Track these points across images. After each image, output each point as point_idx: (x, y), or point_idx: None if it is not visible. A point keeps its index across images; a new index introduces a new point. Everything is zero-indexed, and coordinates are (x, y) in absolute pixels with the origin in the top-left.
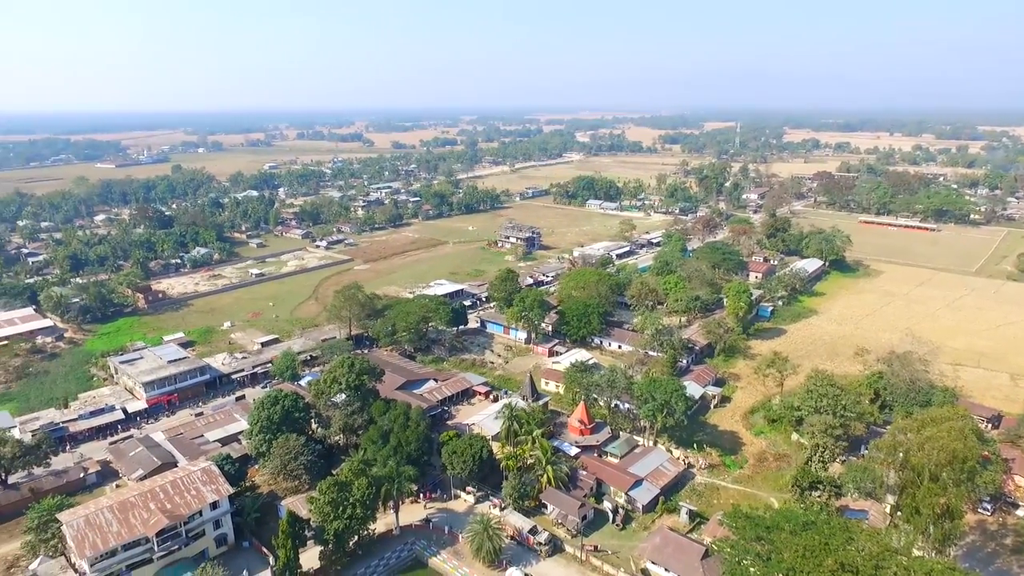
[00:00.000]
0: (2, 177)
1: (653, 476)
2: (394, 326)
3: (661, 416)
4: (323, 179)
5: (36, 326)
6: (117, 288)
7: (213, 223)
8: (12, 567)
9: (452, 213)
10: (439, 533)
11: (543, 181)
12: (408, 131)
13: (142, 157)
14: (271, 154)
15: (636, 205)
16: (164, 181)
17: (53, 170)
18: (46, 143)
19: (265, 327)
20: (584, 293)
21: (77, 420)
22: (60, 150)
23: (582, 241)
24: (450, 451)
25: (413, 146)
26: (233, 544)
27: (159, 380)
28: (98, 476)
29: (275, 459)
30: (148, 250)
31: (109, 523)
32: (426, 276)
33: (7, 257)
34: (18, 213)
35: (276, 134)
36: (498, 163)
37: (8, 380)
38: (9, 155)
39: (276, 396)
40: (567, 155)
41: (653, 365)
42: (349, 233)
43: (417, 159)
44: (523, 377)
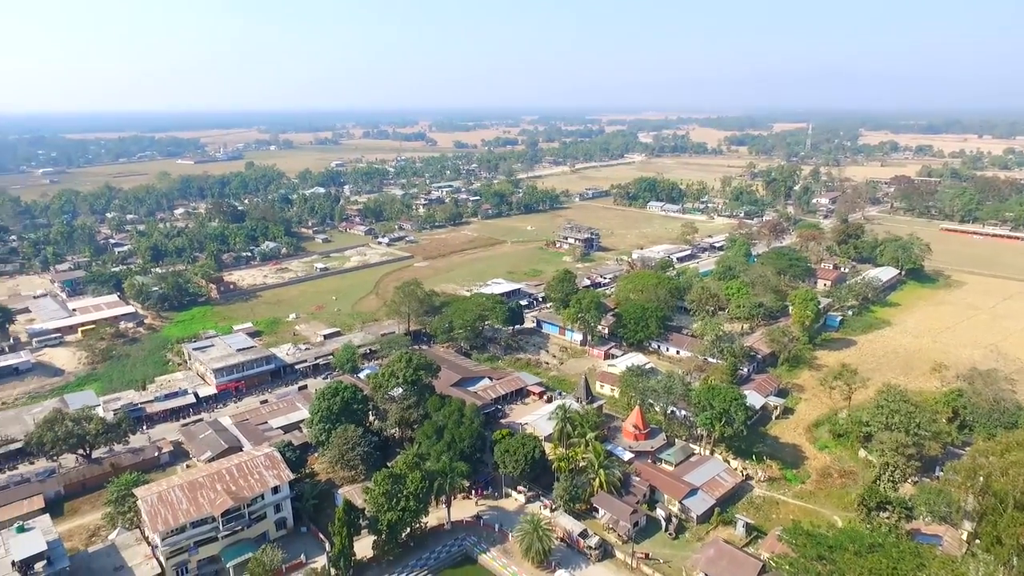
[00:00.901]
0: (94, 172)
1: (709, 486)
2: (451, 323)
3: (719, 425)
4: (386, 177)
5: (120, 312)
6: (192, 278)
7: (282, 218)
8: (93, 535)
9: (511, 213)
10: (489, 530)
11: (603, 182)
12: (470, 131)
13: (219, 154)
14: (338, 152)
15: (699, 208)
16: (238, 177)
17: (139, 166)
18: (133, 140)
19: (328, 320)
20: (642, 296)
21: (153, 402)
22: (146, 147)
23: (642, 243)
24: (503, 449)
25: (474, 146)
26: (292, 528)
27: (228, 367)
28: (170, 456)
29: (333, 448)
30: (221, 243)
31: (179, 501)
32: (484, 275)
33: (96, 247)
34: (107, 206)
35: (343, 133)
36: (558, 163)
37: (94, 362)
38: (101, 151)
39: (336, 387)
40: (629, 156)
41: (712, 372)
42: (410, 230)
43: (478, 159)
44: (578, 379)
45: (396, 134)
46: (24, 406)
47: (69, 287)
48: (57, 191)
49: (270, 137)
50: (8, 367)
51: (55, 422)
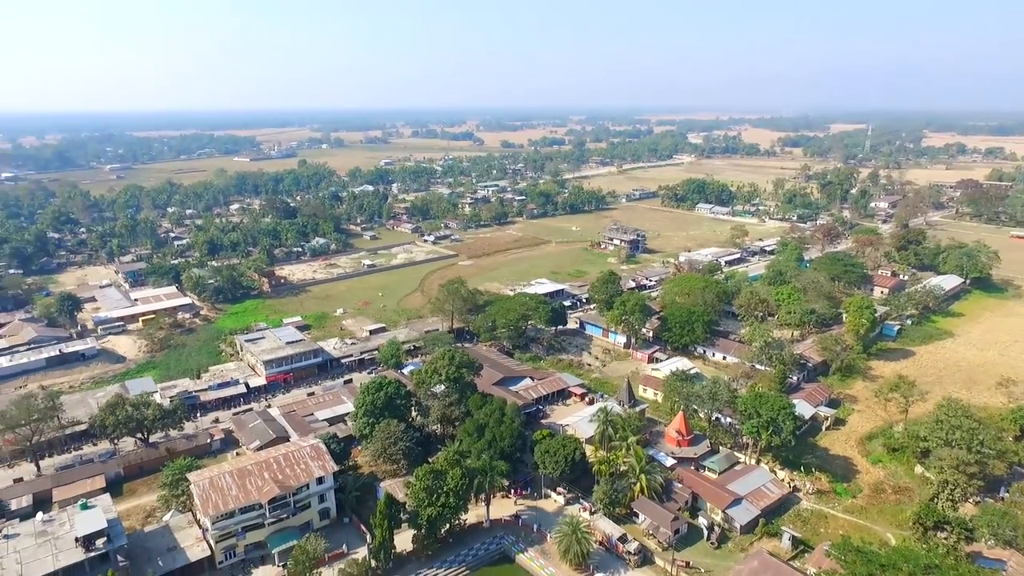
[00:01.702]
0: (157, 168)
1: (754, 496)
2: (494, 322)
3: (766, 434)
4: (434, 176)
5: (177, 303)
6: (246, 272)
7: (332, 215)
8: (149, 516)
9: (556, 213)
10: (528, 530)
11: (651, 183)
12: (517, 131)
13: (273, 152)
14: (387, 151)
15: (750, 211)
16: (291, 175)
17: (198, 162)
18: (194, 138)
19: (374, 316)
20: (689, 300)
21: (207, 390)
22: (205, 145)
23: (689, 246)
24: (543, 450)
25: (521, 145)
26: (335, 519)
27: (278, 359)
28: (221, 443)
29: (376, 442)
30: (274, 238)
31: (229, 487)
32: (527, 274)
33: (157, 240)
34: (168, 201)
35: (393, 132)
36: (605, 164)
37: (153, 350)
38: (164, 149)
39: (380, 382)
40: (678, 157)
41: (760, 379)
42: (455, 229)
43: (524, 158)
44: (620, 382)
45: (444, 133)
46: (89, 390)
47: (132, 278)
48: (123, 186)
49: (322, 136)
50: (75, 353)
51: (116, 407)
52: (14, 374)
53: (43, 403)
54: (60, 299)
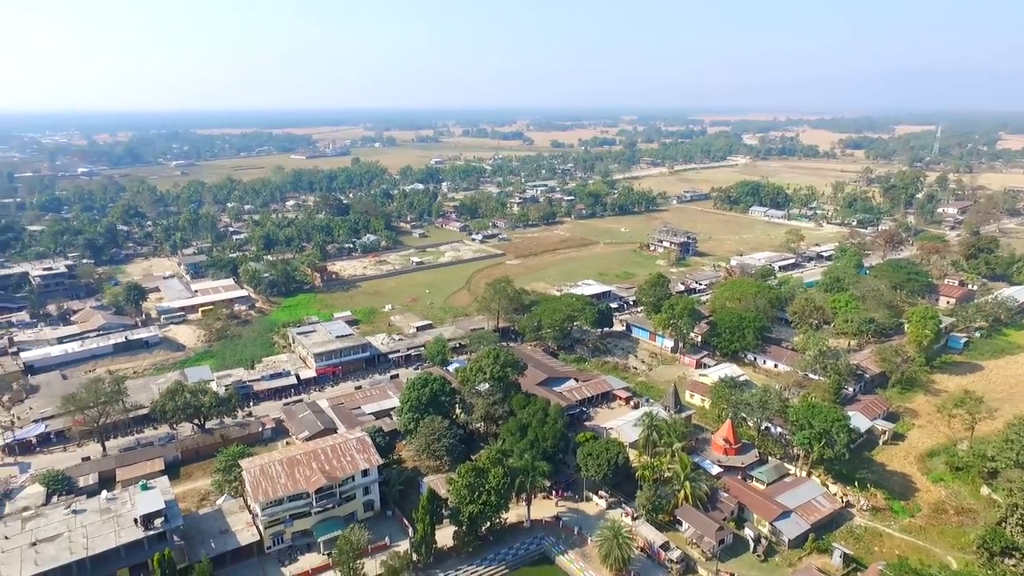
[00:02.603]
0: (219, 165)
1: (804, 509)
2: (540, 322)
3: (818, 446)
4: (483, 175)
5: (234, 295)
6: (299, 267)
7: (383, 212)
8: (203, 499)
9: (605, 213)
10: (568, 532)
11: (703, 185)
12: (567, 130)
13: (328, 150)
14: (438, 150)
15: (806, 214)
16: (344, 172)
17: (257, 160)
18: (254, 136)
19: (421, 312)
20: (740, 305)
21: (260, 381)
22: (264, 142)
23: (741, 250)
24: (586, 452)
25: (571, 145)
26: (378, 511)
27: (327, 353)
28: (272, 432)
29: (421, 438)
30: (327, 234)
31: (279, 475)
32: (574, 275)
33: (217, 234)
34: (228, 196)
35: (444, 131)
36: (656, 164)
37: (211, 340)
38: (225, 146)
39: (426, 379)
40: (732, 158)
41: (813, 389)
42: (503, 228)
43: (574, 158)
44: (667, 386)
45: (495, 133)
46: (151, 376)
47: (193, 270)
48: (187, 182)
49: (375, 134)
50: (140, 340)
51: (176, 393)
52: (84, 358)
53: (110, 387)
54: (127, 289)
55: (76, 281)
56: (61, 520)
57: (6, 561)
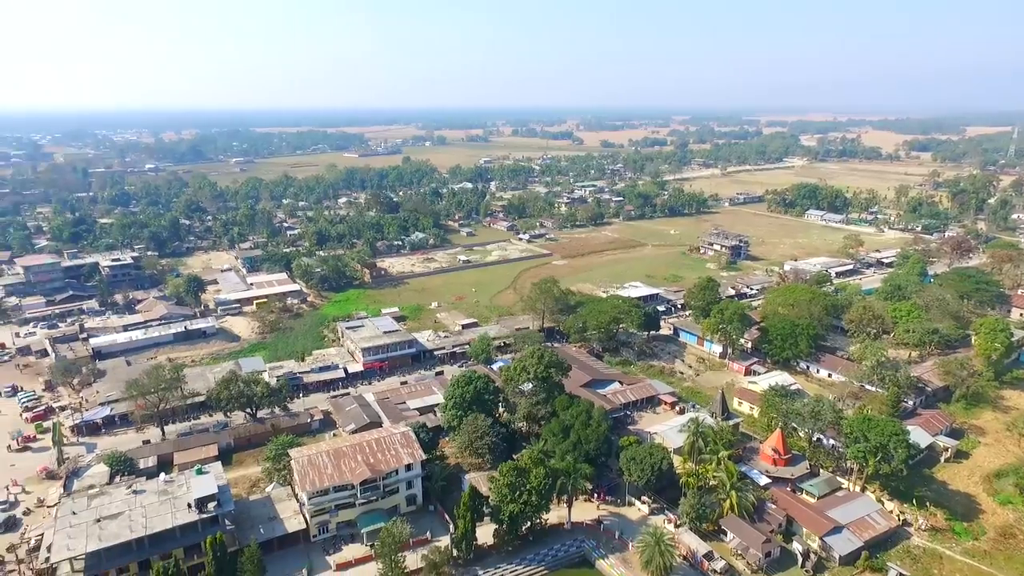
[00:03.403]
0: (275, 162)
1: (857, 526)
2: (585, 323)
3: (874, 460)
4: (531, 175)
5: (287, 289)
6: (350, 263)
7: (431, 211)
8: (254, 486)
9: (655, 215)
10: (609, 536)
11: (757, 187)
12: (618, 130)
13: (379, 148)
14: (487, 149)
15: (866, 219)
16: (395, 171)
17: (311, 157)
18: (309, 134)
19: (467, 310)
20: (793, 311)
21: (309, 373)
22: (318, 141)
23: (796, 254)
24: (629, 457)
25: (621, 145)
26: (420, 506)
27: (375, 348)
28: (320, 424)
29: (464, 435)
30: (377, 231)
31: (325, 466)
32: (621, 277)
33: (272, 229)
34: (284, 193)
35: (493, 130)
36: (708, 166)
37: (264, 332)
38: (282, 144)
39: (470, 376)
40: (788, 160)
41: (869, 401)
42: (551, 228)
43: (624, 159)
44: (714, 393)
45: (544, 132)
46: (207, 365)
47: (249, 264)
48: (245, 179)
49: (426, 133)
50: (198, 330)
51: (230, 382)
52: (147, 346)
53: (169, 374)
54: (188, 280)
55: (141, 272)
56: (123, 499)
57: (74, 535)
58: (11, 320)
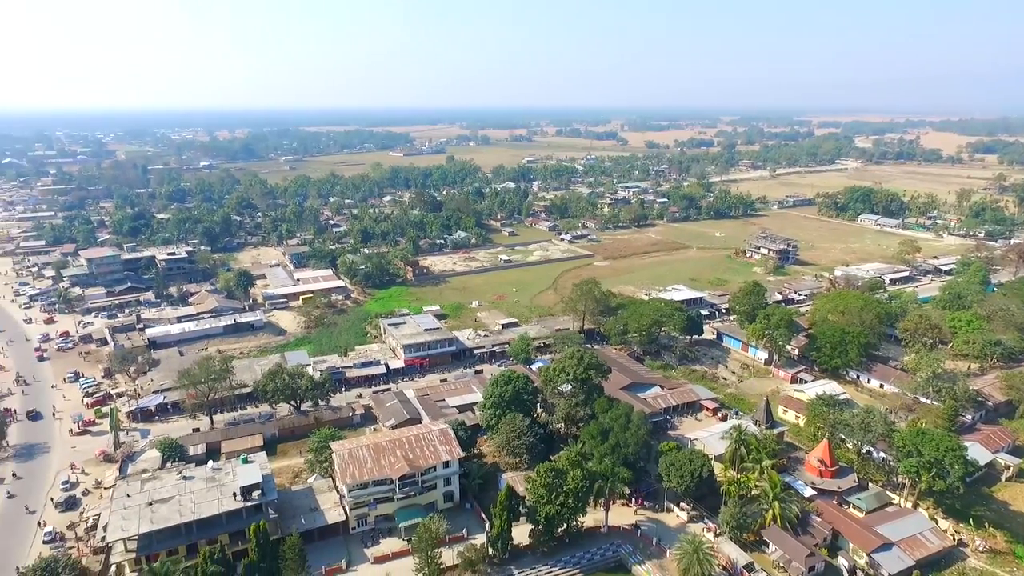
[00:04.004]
0: (323, 161)
1: (908, 544)
2: (626, 326)
3: (927, 476)
4: (574, 175)
5: (332, 285)
6: (393, 260)
7: (474, 210)
8: (296, 476)
9: (700, 217)
10: (646, 542)
11: (807, 189)
12: (663, 131)
13: (424, 148)
14: (530, 149)
15: (924, 224)
16: (439, 170)
17: (358, 156)
18: (355, 134)
19: (507, 310)
20: (843, 319)
21: (351, 368)
22: (365, 140)
23: (847, 260)
24: (668, 462)
25: (667, 146)
26: (457, 503)
27: (416, 344)
28: (361, 418)
29: (501, 434)
30: (420, 230)
31: (366, 460)
32: (664, 279)
33: (319, 226)
34: (330, 191)
35: (537, 130)
36: (757, 167)
37: (309, 326)
38: (330, 143)
39: (509, 376)
40: (841, 162)
41: (924, 414)
42: (593, 229)
43: (669, 159)
44: (758, 400)
45: (588, 132)
46: (255, 358)
47: (296, 260)
48: (294, 177)
49: (470, 133)
50: (247, 323)
51: (276, 375)
52: (198, 337)
53: (219, 365)
54: (238, 275)
55: (194, 266)
56: (173, 484)
57: (128, 516)
58: (75, 309)
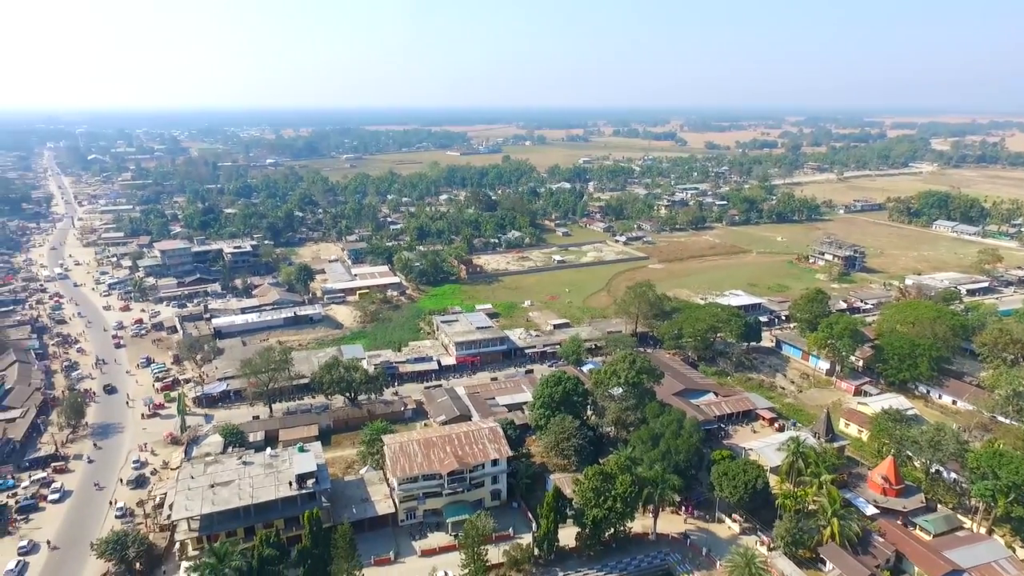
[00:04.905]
0: (382, 159)
1: (981, 572)
2: (680, 330)
3: (1004, 500)
4: (631, 176)
5: (388, 281)
6: (447, 258)
7: (528, 210)
8: (349, 467)
9: (760, 221)
10: (696, 552)
11: (877, 194)
12: (724, 131)
13: (480, 147)
14: (586, 149)
15: (1007, 232)
16: (494, 169)
17: (415, 155)
18: (414, 133)
19: (559, 311)
20: (913, 330)
21: (404, 363)
22: (423, 139)
23: (920, 268)
24: (721, 471)
25: (727, 147)
26: (504, 502)
27: (467, 342)
28: (412, 413)
29: (550, 435)
30: (474, 229)
31: (416, 454)
32: (721, 284)
33: (377, 223)
34: (388, 189)
35: (594, 130)
36: (823, 170)
37: (365, 321)
38: (389, 142)
39: (560, 377)
40: (915, 165)
41: (1002, 435)
42: (648, 231)
43: (730, 161)
44: (818, 412)
45: (646, 133)
46: (312, 350)
47: (354, 256)
48: (354, 174)
49: (527, 132)
50: (306, 316)
51: (332, 367)
52: (260, 328)
53: (279, 356)
54: (298, 269)
55: (258, 259)
56: (234, 468)
57: (192, 497)
58: (148, 298)
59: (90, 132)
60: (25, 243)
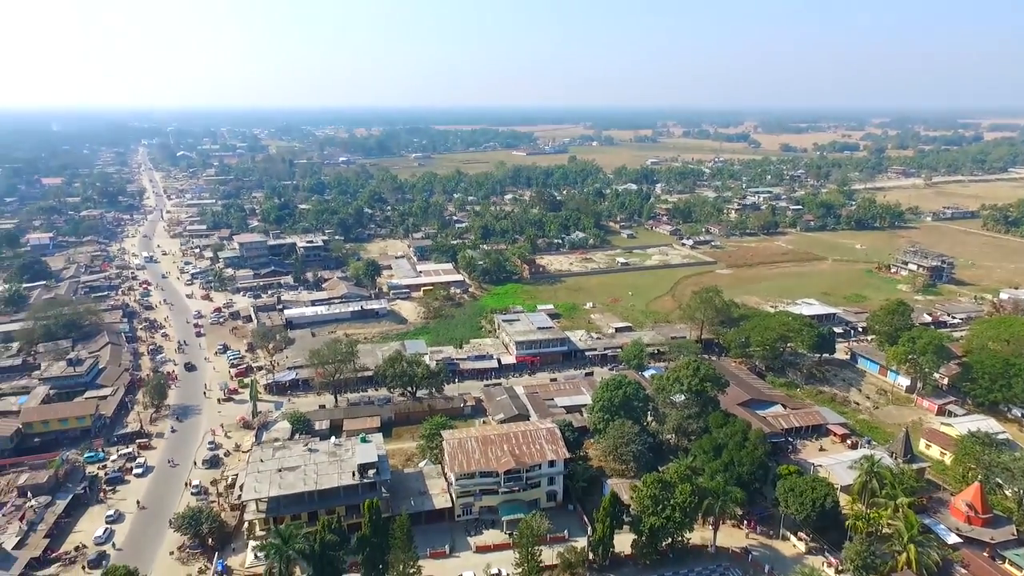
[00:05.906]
0: (450, 158)
1: None
2: (748, 338)
3: None
4: (700, 178)
5: (451, 279)
6: (510, 258)
7: (593, 211)
8: (408, 460)
9: (838, 227)
10: (757, 568)
11: (970, 200)
12: (801, 133)
13: (547, 147)
14: (654, 150)
15: None
16: (560, 170)
17: (482, 155)
18: (482, 132)
19: (621, 314)
20: (1007, 348)
21: (465, 360)
22: (490, 138)
23: (1016, 282)
24: (787, 487)
25: (804, 149)
26: (560, 503)
27: (528, 342)
28: (471, 410)
29: (609, 439)
30: (538, 229)
31: (474, 451)
32: (793, 292)
33: (442, 221)
34: (455, 187)
35: (663, 131)
36: (909, 175)
37: (428, 317)
38: (457, 141)
39: (620, 381)
40: (1015, 170)
41: None
42: (717, 235)
43: (806, 164)
44: (896, 430)
45: (717, 134)
46: (377, 344)
47: (419, 253)
48: (422, 173)
49: (594, 133)
50: (372, 310)
51: (395, 361)
52: (328, 321)
53: (345, 348)
54: (367, 264)
55: (329, 254)
56: (300, 454)
57: (261, 480)
58: (227, 288)
59: (180, 130)
60: (120, 233)
